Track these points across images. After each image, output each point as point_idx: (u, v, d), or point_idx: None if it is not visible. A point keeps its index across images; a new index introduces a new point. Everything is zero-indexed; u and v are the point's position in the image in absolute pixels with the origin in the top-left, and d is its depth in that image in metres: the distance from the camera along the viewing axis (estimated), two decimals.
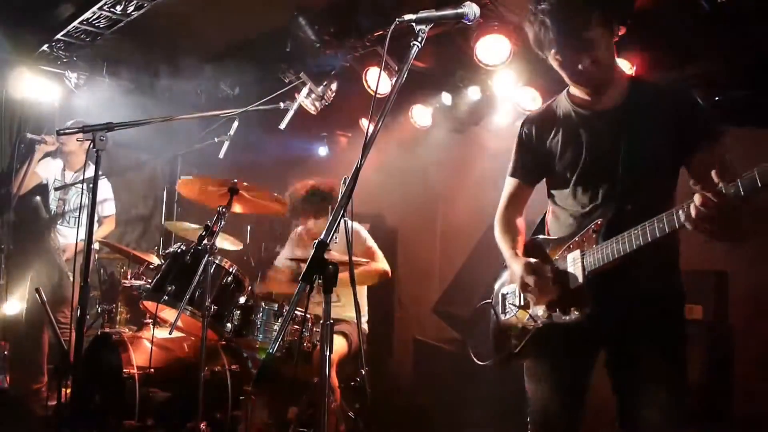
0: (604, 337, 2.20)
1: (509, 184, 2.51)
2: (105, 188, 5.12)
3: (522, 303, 2.33)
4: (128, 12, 4.38)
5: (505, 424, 4.19)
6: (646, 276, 2.09)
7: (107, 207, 5.14)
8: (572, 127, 2.24)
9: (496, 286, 2.57)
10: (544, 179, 2.42)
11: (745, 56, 3.54)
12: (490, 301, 2.55)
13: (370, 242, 4.20)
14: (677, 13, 3.64)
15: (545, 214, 2.47)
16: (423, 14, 1.92)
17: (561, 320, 2.14)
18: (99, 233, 4.99)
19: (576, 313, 2.10)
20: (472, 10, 1.94)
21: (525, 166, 2.43)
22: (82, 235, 3.25)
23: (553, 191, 2.36)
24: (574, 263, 2.13)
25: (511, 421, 4.17)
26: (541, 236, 2.42)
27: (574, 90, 2.26)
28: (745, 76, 3.66)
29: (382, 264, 4.10)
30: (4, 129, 5.22)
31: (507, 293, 2.48)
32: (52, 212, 4.89)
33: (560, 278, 2.15)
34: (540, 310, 2.21)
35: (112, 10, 4.39)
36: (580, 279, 2.08)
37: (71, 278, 4.59)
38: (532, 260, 2.22)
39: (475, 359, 2.59)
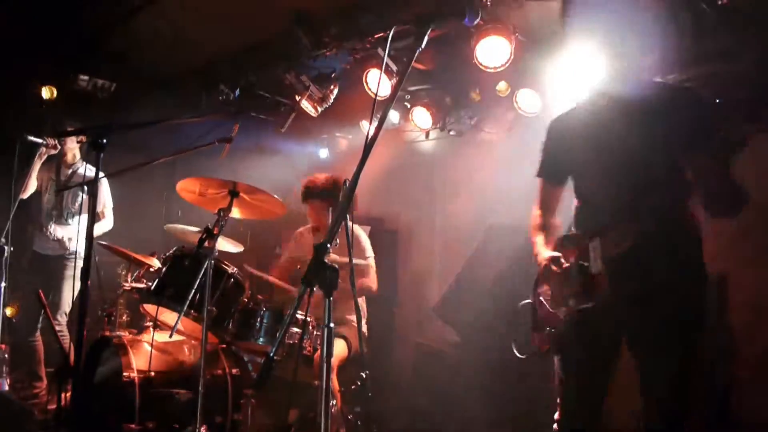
0: (624, 320, 2.29)
1: (538, 184, 2.67)
2: (102, 183, 4.99)
3: (552, 295, 2.47)
4: (129, 14, 4.39)
5: (505, 427, 4.19)
6: (662, 260, 2.19)
7: (105, 202, 5.05)
8: (589, 123, 2.38)
9: (534, 285, 2.68)
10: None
11: (747, 58, 3.54)
12: (530, 300, 2.66)
13: (369, 254, 4.19)
14: (679, 15, 3.64)
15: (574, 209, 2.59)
16: (423, 17, 1.92)
17: (586, 306, 2.28)
18: (99, 228, 4.93)
19: (598, 297, 2.23)
20: (472, 12, 1.94)
21: (549, 166, 2.60)
22: (83, 233, 3.24)
23: (575, 185, 2.51)
24: (594, 251, 2.27)
25: (511, 423, 4.18)
26: (569, 232, 2.55)
27: (594, 92, 2.39)
28: (746, 78, 3.65)
29: (370, 282, 4.10)
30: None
31: (541, 290, 2.60)
32: (48, 211, 4.88)
33: (581, 268, 2.30)
34: (570, 301, 2.35)
35: (113, 12, 4.39)
36: (599, 265, 2.23)
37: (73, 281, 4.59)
38: (555, 253, 2.39)
39: (517, 353, 2.77)
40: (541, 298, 2.56)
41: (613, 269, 2.21)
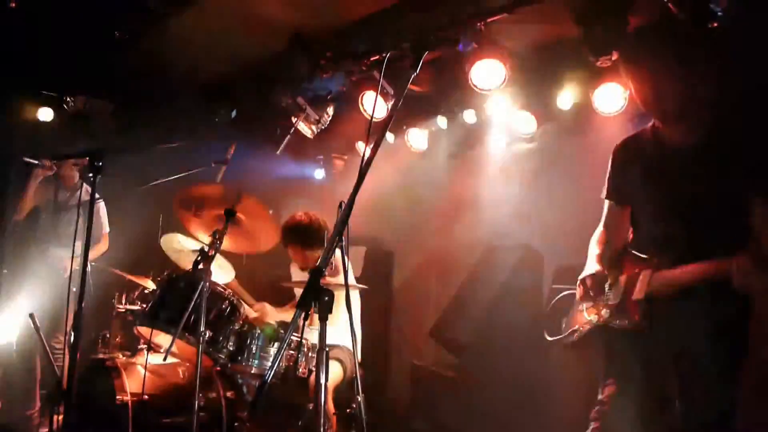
0: (666, 351, 2.33)
1: (605, 205, 2.70)
2: (99, 207, 5.07)
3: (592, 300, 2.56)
4: (126, 37, 4.42)
5: None
6: (709, 306, 2.20)
7: (102, 225, 5.09)
8: (650, 161, 2.40)
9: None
10: None
11: (739, 78, 3.57)
12: (574, 291, 2.72)
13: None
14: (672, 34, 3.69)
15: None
16: (418, 42, 1.94)
17: (615, 324, 2.40)
18: (94, 252, 4.95)
19: (626, 321, 2.37)
20: (466, 39, 1.96)
21: (615, 190, 2.61)
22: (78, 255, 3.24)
23: (633, 212, 2.55)
24: (642, 279, 2.35)
25: None
26: (631, 251, 2.57)
27: (654, 122, 2.42)
28: (739, 100, 3.69)
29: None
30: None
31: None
32: (44, 234, 4.87)
33: (623, 289, 2.41)
34: (605, 311, 2.46)
35: (110, 35, 4.42)
36: (642, 294, 2.31)
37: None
38: (598, 268, 2.49)
39: (546, 335, 2.86)
40: (579, 291, 2.63)
41: (660, 303, 2.29)
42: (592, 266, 2.53)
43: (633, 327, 2.34)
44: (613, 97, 3.96)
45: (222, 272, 4.06)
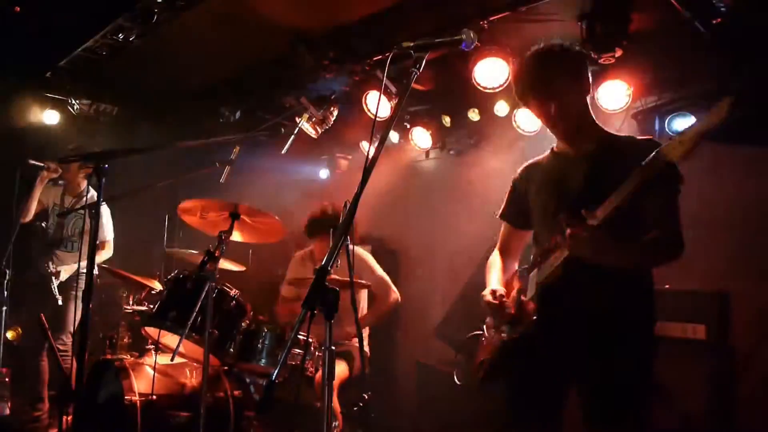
0: (560, 352, 2.31)
1: (502, 227, 2.79)
2: (104, 214, 5.06)
3: (494, 324, 2.56)
4: (130, 39, 4.44)
5: None
6: (595, 293, 2.22)
7: (106, 232, 5.11)
8: (548, 172, 2.48)
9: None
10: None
11: (742, 77, 3.57)
12: (481, 332, 2.73)
13: (379, 271, 4.25)
14: (674, 35, 3.69)
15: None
16: (421, 41, 1.95)
17: (518, 333, 2.37)
18: (100, 257, 4.97)
19: (521, 327, 2.34)
20: (469, 37, 1.96)
21: (511, 212, 2.70)
22: (84, 260, 3.26)
23: (534, 230, 2.58)
24: (531, 281, 2.40)
25: None
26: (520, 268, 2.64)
27: (557, 142, 2.49)
28: (742, 97, 3.68)
29: (394, 294, 4.18)
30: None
31: (487, 322, 2.70)
32: (50, 238, 4.90)
33: (518, 298, 2.43)
34: (505, 327, 2.44)
35: (114, 37, 4.45)
36: (533, 291, 2.35)
37: (61, 302, 4.59)
38: (495, 286, 2.52)
39: (456, 380, 2.93)
40: (484, 327, 2.66)
41: (542, 294, 2.30)
42: (487, 288, 2.54)
43: (527, 329, 2.32)
44: (616, 95, 3.96)
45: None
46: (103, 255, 5.05)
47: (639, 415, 2.21)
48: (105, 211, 5.10)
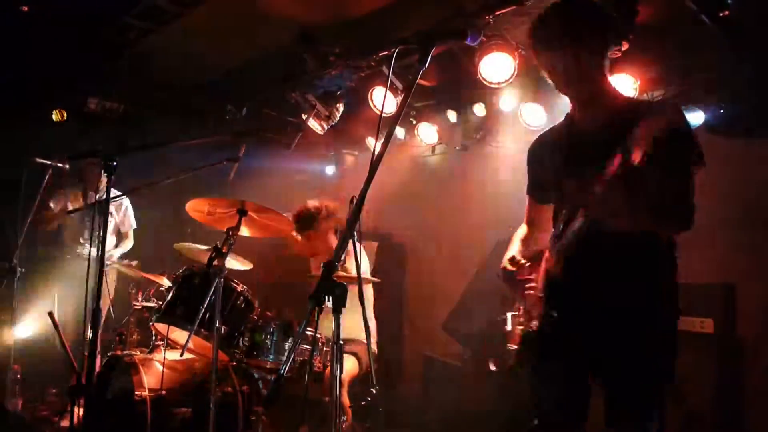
0: (580, 342, 2.22)
1: (527, 201, 2.63)
2: (128, 205, 5.52)
3: (517, 311, 2.48)
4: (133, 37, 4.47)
5: None
6: (615, 285, 2.15)
7: (132, 221, 5.54)
8: (562, 139, 2.39)
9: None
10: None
11: (748, 69, 3.56)
12: (505, 316, 2.67)
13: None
14: (680, 28, 3.68)
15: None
16: (427, 36, 1.94)
17: (536, 316, 2.28)
18: (124, 247, 5.44)
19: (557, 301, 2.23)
20: (474, 32, 1.96)
21: (534, 186, 2.55)
22: (107, 253, 3.33)
23: (553, 202, 2.46)
24: (558, 252, 2.26)
25: None
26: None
27: (571, 108, 2.39)
28: (748, 89, 3.68)
29: None
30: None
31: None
32: (76, 233, 5.17)
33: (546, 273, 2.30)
34: (527, 316, 2.37)
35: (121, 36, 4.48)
36: (560, 264, 2.22)
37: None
38: (512, 252, 2.44)
39: (493, 367, 2.68)
40: (510, 314, 2.60)
41: (564, 261, 2.21)
42: (512, 251, 2.47)
43: (550, 318, 2.23)
44: (623, 88, 3.94)
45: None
46: (127, 245, 5.43)
47: (661, 414, 2.16)
48: (127, 202, 5.47)
